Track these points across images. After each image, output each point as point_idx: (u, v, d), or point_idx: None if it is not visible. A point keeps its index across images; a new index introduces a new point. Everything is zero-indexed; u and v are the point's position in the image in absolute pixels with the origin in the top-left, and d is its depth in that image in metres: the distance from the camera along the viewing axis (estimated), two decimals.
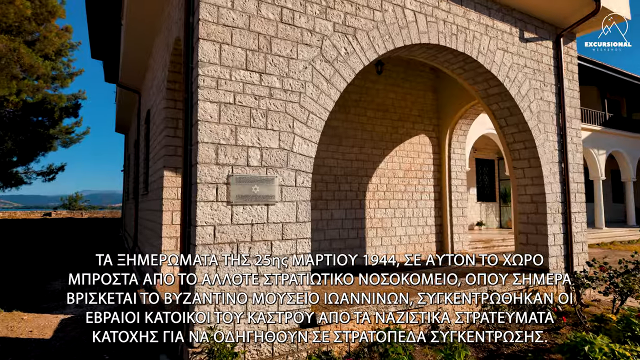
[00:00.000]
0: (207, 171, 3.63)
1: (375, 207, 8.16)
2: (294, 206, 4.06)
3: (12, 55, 16.04)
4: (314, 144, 4.25)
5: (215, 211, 3.64)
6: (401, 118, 8.70)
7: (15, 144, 19.91)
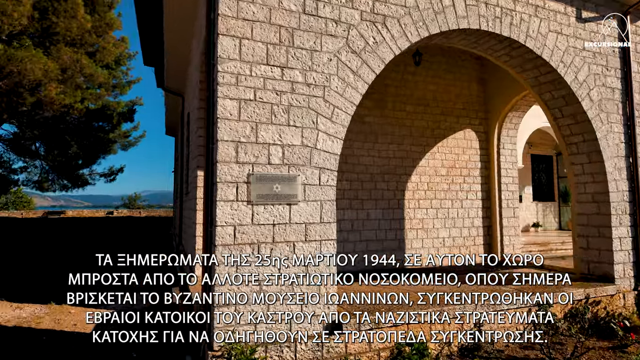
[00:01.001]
0: (227, 170, 3.54)
1: (415, 207, 7.74)
2: (317, 206, 3.87)
3: (76, 66, 17.39)
4: (339, 140, 4.03)
5: (235, 211, 3.54)
6: (444, 112, 8.19)
7: (79, 148, 21.61)
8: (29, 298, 6.78)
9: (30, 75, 16.08)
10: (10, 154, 22.39)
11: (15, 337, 4.90)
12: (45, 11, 16.64)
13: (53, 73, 16.50)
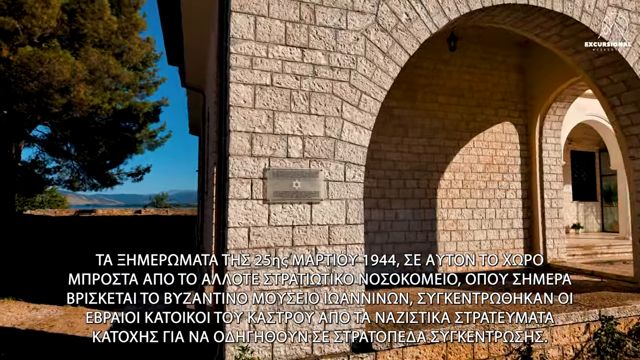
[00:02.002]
0: (240, 164, 3.12)
1: (448, 207, 7.13)
2: (342, 205, 3.39)
3: (103, 66, 17.61)
4: (367, 131, 3.54)
5: (249, 210, 3.12)
6: (480, 103, 7.53)
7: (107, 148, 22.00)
8: (47, 298, 6.63)
9: (59, 76, 16.33)
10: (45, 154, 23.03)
11: (25, 341, 4.67)
12: (74, 13, 16.88)
13: (81, 74, 16.73)
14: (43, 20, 15.52)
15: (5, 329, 5.11)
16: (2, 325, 5.25)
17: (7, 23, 15.06)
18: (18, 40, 16.02)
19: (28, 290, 7.28)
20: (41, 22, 15.53)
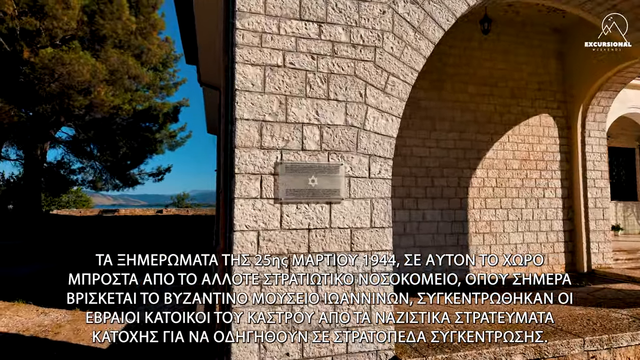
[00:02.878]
0: (248, 157, 2.69)
1: (481, 207, 6.52)
2: (367, 205, 2.91)
3: (123, 67, 17.65)
4: (394, 119, 3.04)
5: (259, 211, 2.68)
6: (515, 94, 6.88)
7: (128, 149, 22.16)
8: (56, 301, 6.39)
9: (80, 77, 16.40)
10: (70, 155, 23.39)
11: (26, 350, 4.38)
12: (93, 14, 16.96)
13: (101, 75, 16.77)
14: (63, 21, 15.64)
15: (9, 335, 4.86)
16: (6, 331, 5.01)
17: (29, 23, 15.24)
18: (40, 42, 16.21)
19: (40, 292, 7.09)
20: (62, 24, 15.65)
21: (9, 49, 16.23)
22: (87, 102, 17.27)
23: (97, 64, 16.09)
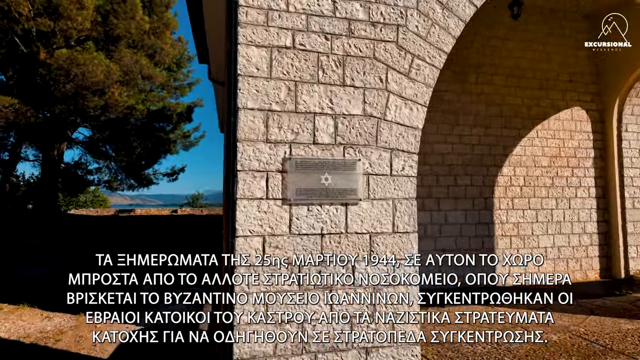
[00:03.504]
0: (252, 152, 2.35)
1: (508, 208, 6.06)
2: (388, 206, 2.53)
3: (136, 67, 17.62)
4: (420, 107, 2.66)
5: (264, 214, 2.34)
6: (544, 85, 6.39)
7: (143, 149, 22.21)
8: (62, 306, 6.18)
9: (93, 77, 16.41)
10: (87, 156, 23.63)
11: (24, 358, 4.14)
12: (107, 14, 16.99)
13: (115, 75, 16.75)
14: (77, 21, 15.66)
15: (8, 342, 4.64)
16: (7, 337, 4.80)
17: (44, 24, 15.31)
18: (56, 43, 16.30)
19: (47, 295, 6.92)
20: (76, 24, 15.68)
21: (26, 50, 16.38)
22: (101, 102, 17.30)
23: (111, 64, 16.08)
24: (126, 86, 18.18)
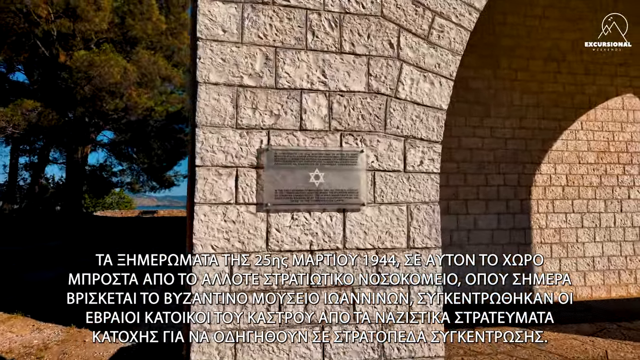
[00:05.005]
0: (217, 142, 1.76)
1: (547, 211, 5.25)
2: (401, 214, 1.89)
3: (153, 68, 17.53)
4: (445, 82, 2.00)
5: (232, 224, 1.75)
6: (589, 70, 5.54)
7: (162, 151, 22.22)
8: (56, 315, 5.80)
9: (110, 78, 16.37)
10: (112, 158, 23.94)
11: None
12: (124, 15, 16.98)
13: (132, 76, 16.68)
14: (95, 23, 15.68)
15: None
16: None
17: (63, 25, 15.40)
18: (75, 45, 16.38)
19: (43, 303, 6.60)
20: (93, 25, 15.70)
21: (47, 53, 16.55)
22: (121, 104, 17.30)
23: (128, 65, 16.01)
24: (144, 88, 18.13)
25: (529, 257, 5.14)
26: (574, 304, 4.91)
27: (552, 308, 4.78)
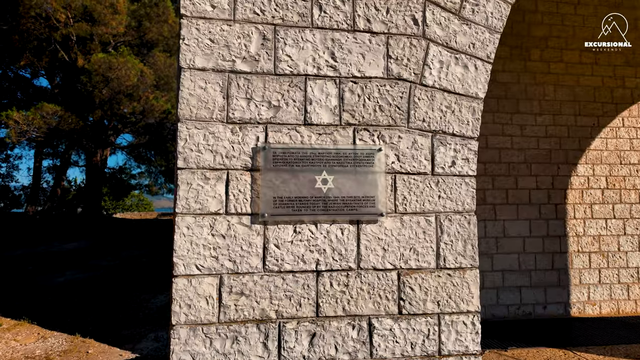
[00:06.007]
0: (203, 139, 1.45)
1: (585, 217, 4.76)
2: (429, 226, 1.54)
3: (170, 71, 17.58)
4: (482, 65, 1.64)
5: (222, 238, 1.43)
6: (629, 61, 5.03)
7: None
8: (62, 323, 5.65)
9: (127, 81, 16.50)
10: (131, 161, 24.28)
11: None
12: (140, 18, 17.11)
13: (149, 79, 16.77)
14: (112, 26, 15.81)
15: None
16: None
17: (81, 29, 15.58)
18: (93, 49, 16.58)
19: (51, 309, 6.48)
20: (110, 28, 15.84)
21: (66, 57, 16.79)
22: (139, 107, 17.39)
23: (145, 68, 16.08)
24: (161, 90, 18.21)
25: (565, 267, 4.67)
26: (617, 319, 4.41)
27: (592, 324, 4.31)
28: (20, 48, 16.65)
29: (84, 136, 19.09)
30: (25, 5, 15.47)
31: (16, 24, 16.13)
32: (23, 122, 15.85)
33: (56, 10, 15.47)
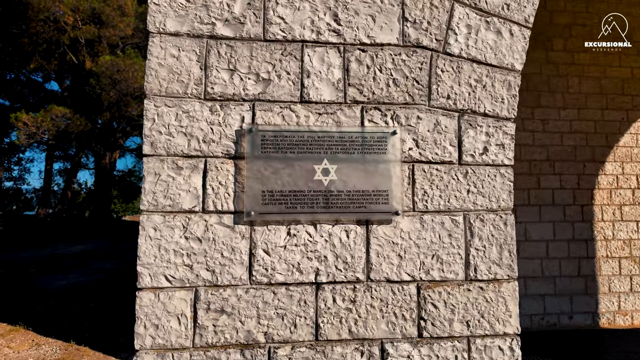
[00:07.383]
0: (175, 119, 1.17)
1: (614, 219, 4.39)
2: (456, 228, 1.23)
3: None
4: (518, 30, 1.34)
5: (197, 242, 1.15)
6: None
7: None
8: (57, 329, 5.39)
9: (135, 83, 16.44)
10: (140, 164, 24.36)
11: None
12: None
13: None
14: (120, 28, 15.78)
15: None
16: None
17: (89, 32, 15.58)
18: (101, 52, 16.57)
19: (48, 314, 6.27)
20: (118, 31, 15.81)
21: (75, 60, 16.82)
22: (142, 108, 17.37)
23: None
24: None
25: (593, 274, 4.30)
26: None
27: (625, 336, 3.93)
28: (30, 51, 16.74)
29: (93, 139, 19.11)
30: (34, 9, 15.55)
31: (26, 27, 16.21)
32: (32, 124, 15.88)
33: (64, 13, 15.51)
